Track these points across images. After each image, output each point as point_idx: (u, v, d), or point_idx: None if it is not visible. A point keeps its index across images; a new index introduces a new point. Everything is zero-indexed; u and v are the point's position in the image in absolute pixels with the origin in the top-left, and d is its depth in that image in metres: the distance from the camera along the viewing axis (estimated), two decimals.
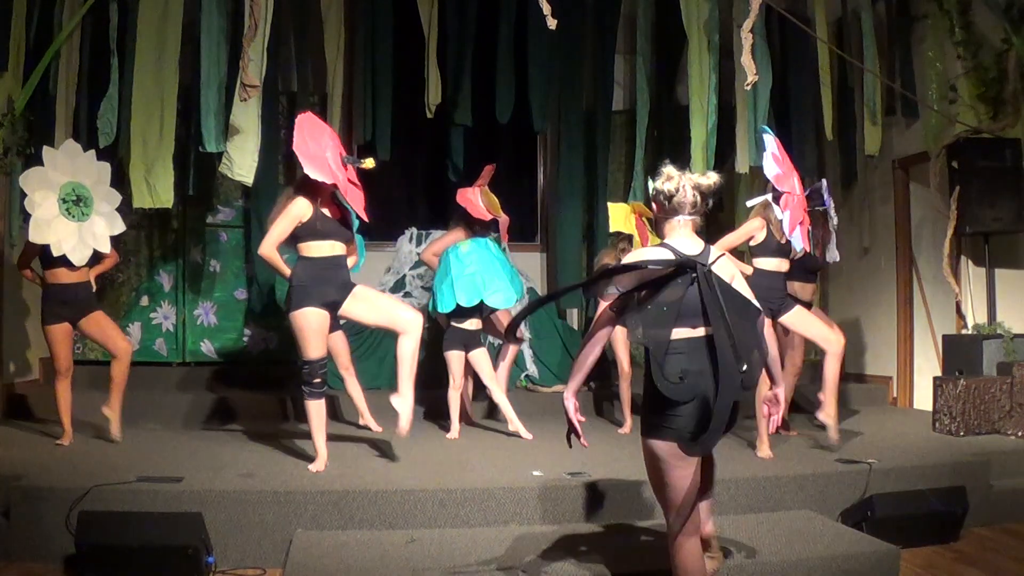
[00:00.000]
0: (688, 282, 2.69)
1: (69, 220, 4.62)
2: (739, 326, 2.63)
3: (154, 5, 5.45)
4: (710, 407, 2.59)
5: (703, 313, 2.66)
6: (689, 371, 2.64)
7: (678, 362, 2.65)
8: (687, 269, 2.69)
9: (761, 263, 4.73)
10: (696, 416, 2.62)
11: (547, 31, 5.20)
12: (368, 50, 6.83)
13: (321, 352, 4.21)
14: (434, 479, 4.06)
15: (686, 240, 2.86)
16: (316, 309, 4.15)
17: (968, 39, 6.08)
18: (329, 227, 4.21)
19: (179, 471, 4.02)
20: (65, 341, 4.75)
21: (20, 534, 3.62)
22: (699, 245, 2.86)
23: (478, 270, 5.26)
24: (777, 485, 4.20)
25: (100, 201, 4.76)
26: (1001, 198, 5.84)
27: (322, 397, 4.28)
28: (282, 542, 3.63)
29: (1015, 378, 5.43)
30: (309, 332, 4.15)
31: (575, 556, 3.45)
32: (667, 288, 2.69)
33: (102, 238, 4.76)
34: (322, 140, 4.15)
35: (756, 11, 5.38)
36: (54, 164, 4.64)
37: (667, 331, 2.67)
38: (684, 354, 2.66)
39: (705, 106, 6.13)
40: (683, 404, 2.62)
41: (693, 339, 2.69)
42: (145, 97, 5.46)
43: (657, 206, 2.94)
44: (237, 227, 7.02)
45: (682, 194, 2.89)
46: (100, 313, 4.87)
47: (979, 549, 4.04)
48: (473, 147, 7.11)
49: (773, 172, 4.63)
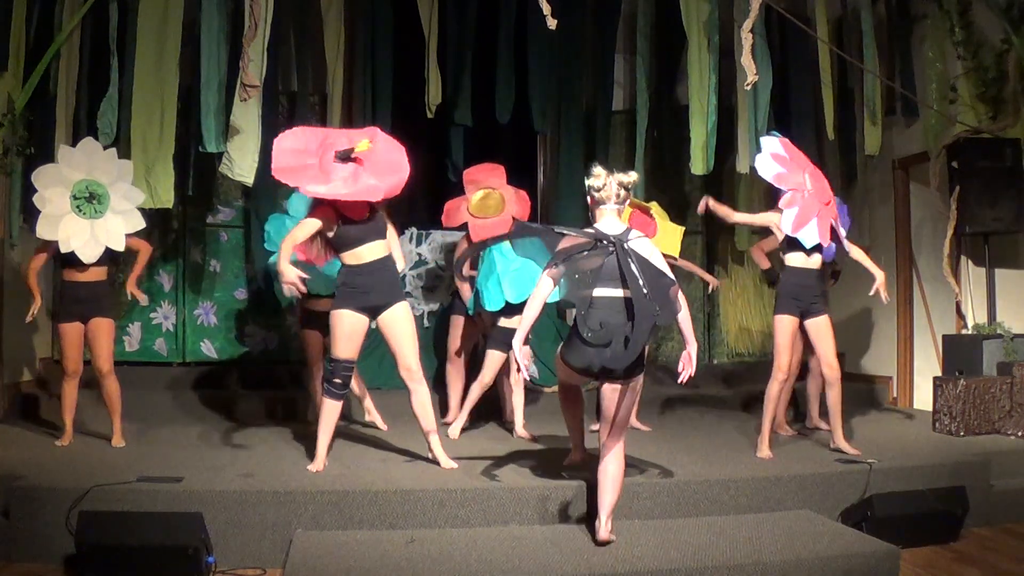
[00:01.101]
0: (605, 253, 3.45)
1: (80, 217, 4.60)
2: (652, 287, 3.38)
3: (154, 5, 5.45)
4: (621, 346, 3.38)
5: (621, 277, 3.42)
6: (607, 322, 3.41)
7: (598, 315, 3.43)
8: (603, 243, 3.46)
9: (788, 259, 4.71)
10: (602, 356, 3.41)
11: (547, 31, 5.20)
12: (368, 50, 6.82)
13: (348, 354, 4.21)
14: (434, 479, 4.06)
15: (611, 223, 3.58)
16: (351, 312, 4.16)
17: (968, 39, 6.08)
18: (355, 234, 4.14)
19: (179, 471, 4.02)
20: (76, 341, 4.73)
21: (20, 534, 3.62)
22: (622, 227, 3.58)
23: (524, 265, 5.07)
24: (777, 485, 4.20)
25: (119, 199, 4.72)
26: (1001, 198, 5.84)
27: (340, 399, 4.28)
28: (282, 542, 3.63)
29: (1015, 378, 5.43)
30: (339, 332, 4.18)
31: (575, 556, 3.45)
32: (588, 258, 3.45)
33: (116, 236, 4.70)
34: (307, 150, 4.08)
35: (756, 11, 5.38)
36: (69, 162, 4.64)
37: (589, 291, 3.44)
38: (603, 309, 3.44)
39: (705, 106, 6.12)
40: (595, 348, 3.40)
41: (613, 298, 3.46)
42: (145, 97, 5.46)
43: (590, 198, 3.64)
44: (237, 227, 7.01)
45: (607, 189, 3.58)
46: (108, 322, 4.78)
47: (979, 549, 4.04)
48: (473, 147, 7.10)
49: (772, 172, 4.62)
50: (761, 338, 7.68)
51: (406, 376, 4.29)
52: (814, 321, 4.69)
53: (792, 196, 4.59)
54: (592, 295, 3.44)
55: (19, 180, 5.60)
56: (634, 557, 3.44)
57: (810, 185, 4.61)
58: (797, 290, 4.67)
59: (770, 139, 4.77)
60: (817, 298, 4.70)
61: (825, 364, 4.74)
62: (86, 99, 5.91)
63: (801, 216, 4.55)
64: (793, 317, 4.69)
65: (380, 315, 4.21)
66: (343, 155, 4.06)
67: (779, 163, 4.64)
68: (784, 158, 4.67)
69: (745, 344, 7.77)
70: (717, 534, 3.73)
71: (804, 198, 4.57)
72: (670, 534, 3.73)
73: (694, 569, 3.35)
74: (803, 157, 4.79)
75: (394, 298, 4.22)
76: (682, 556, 3.44)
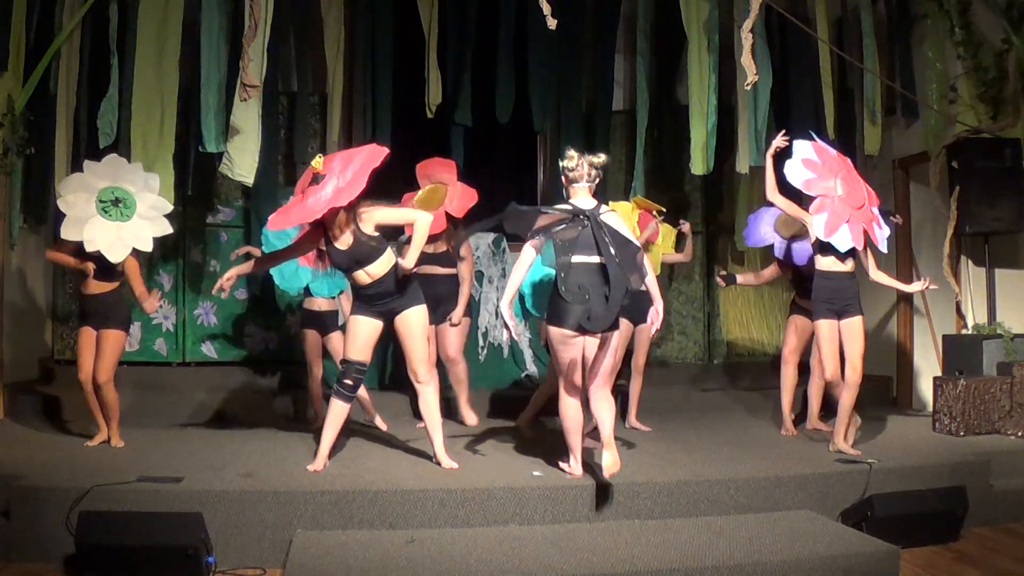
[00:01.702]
0: (580, 225, 3.98)
1: (107, 219, 4.61)
2: (620, 254, 3.92)
3: (154, 5, 5.45)
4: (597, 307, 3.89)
5: (596, 246, 3.93)
6: (583, 284, 3.91)
7: (576, 278, 3.92)
8: (578, 216, 3.98)
9: (820, 262, 4.72)
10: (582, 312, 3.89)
11: (547, 31, 5.19)
12: (368, 50, 6.82)
13: (359, 357, 4.26)
14: (434, 479, 4.06)
15: (584, 199, 4.07)
16: (365, 318, 4.24)
17: (968, 39, 6.07)
18: (339, 260, 4.19)
19: (179, 471, 4.02)
20: (88, 348, 4.72)
21: (20, 534, 3.61)
22: (593, 203, 4.07)
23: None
24: (777, 485, 4.20)
25: (145, 207, 4.70)
26: (1001, 198, 5.84)
27: (348, 401, 4.29)
28: (282, 542, 3.63)
29: (1015, 378, 5.43)
30: (352, 336, 4.29)
31: (575, 556, 3.45)
32: (565, 229, 3.97)
33: (144, 238, 4.67)
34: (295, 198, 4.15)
35: (756, 11, 5.38)
36: (95, 172, 4.67)
37: (568, 257, 3.94)
38: (581, 273, 3.93)
39: (705, 106, 6.13)
40: (576, 305, 3.89)
41: (589, 264, 3.95)
42: (145, 97, 5.46)
43: (564, 178, 4.11)
44: (237, 227, 7.01)
45: (579, 169, 4.05)
46: (115, 334, 4.74)
47: (979, 549, 4.04)
48: (473, 147, 7.10)
49: (801, 179, 4.63)
50: (761, 338, 7.68)
51: (413, 378, 4.33)
52: (847, 322, 4.70)
53: (821, 202, 4.61)
54: (571, 261, 3.95)
55: (19, 180, 5.61)
56: (634, 557, 3.44)
57: (840, 191, 4.61)
58: (830, 294, 4.68)
59: (803, 144, 4.75)
60: (851, 300, 4.70)
61: (850, 365, 4.71)
62: (86, 99, 5.92)
63: (832, 221, 4.56)
64: (832, 321, 4.70)
65: (396, 317, 4.27)
66: (315, 179, 4.05)
67: (809, 168, 4.66)
68: (816, 163, 4.68)
69: (745, 344, 7.77)
70: (717, 534, 3.73)
71: (833, 203, 4.59)
72: (670, 534, 3.73)
73: (694, 569, 3.35)
74: (837, 161, 4.76)
75: (411, 302, 4.27)
76: (682, 556, 3.44)
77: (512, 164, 7.88)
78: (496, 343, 7.08)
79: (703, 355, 7.75)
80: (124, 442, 4.80)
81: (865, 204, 4.71)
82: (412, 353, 4.30)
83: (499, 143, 7.64)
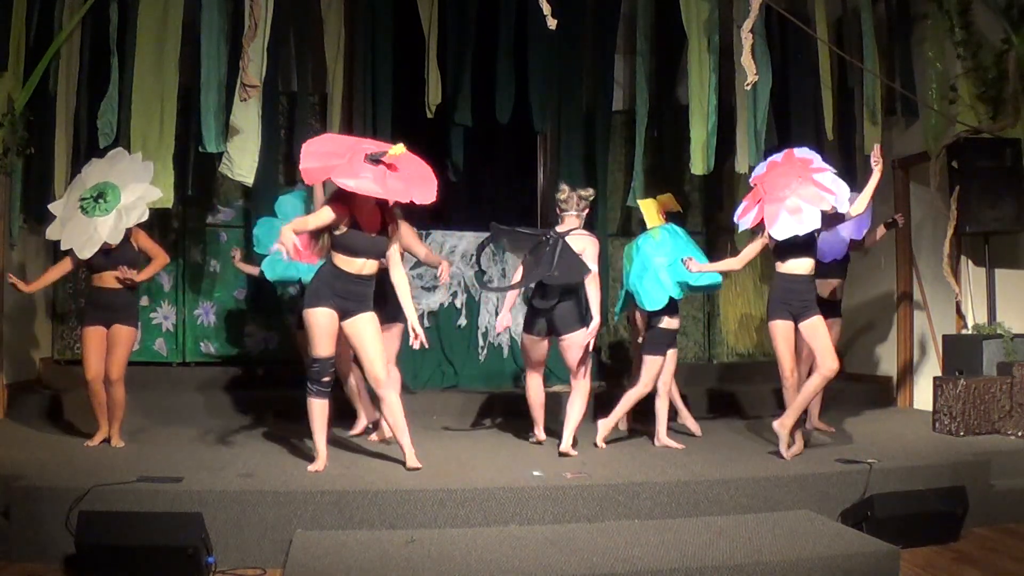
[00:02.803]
0: (547, 245, 4.77)
1: (84, 216, 4.60)
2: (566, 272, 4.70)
3: (154, 5, 5.44)
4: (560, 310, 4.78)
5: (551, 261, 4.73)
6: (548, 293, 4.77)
7: (544, 289, 4.78)
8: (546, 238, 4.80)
9: (777, 266, 4.74)
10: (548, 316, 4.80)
11: (547, 31, 5.20)
12: (368, 50, 6.81)
13: (328, 352, 4.22)
14: (434, 479, 4.06)
15: (566, 225, 4.86)
16: (325, 309, 4.17)
17: (968, 39, 6.07)
18: (359, 244, 4.16)
19: (179, 471, 4.02)
20: (96, 347, 4.71)
21: (20, 534, 3.62)
22: (571, 228, 4.84)
23: (675, 253, 4.93)
24: (777, 485, 4.20)
25: (129, 196, 4.67)
26: (1001, 198, 5.84)
27: (325, 397, 4.27)
28: (282, 542, 3.64)
29: (1015, 378, 5.42)
30: (316, 330, 4.19)
31: (575, 556, 3.45)
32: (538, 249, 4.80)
33: (116, 231, 4.62)
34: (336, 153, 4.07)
35: (756, 11, 5.38)
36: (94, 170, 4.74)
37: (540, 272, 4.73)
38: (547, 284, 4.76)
39: (705, 106, 6.12)
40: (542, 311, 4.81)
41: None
42: (145, 97, 5.45)
43: (557, 207, 4.91)
44: (237, 227, 7.01)
45: (570, 201, 4.87)
46: (128, 330, 4.76)
47: (979, 549, 4.04)
48: (473, 147, 7.10)
49: (748, 222, 4.78)
50: (761, 338, 7.68)
51: (374, 384, 4.28)
52: (807, 323, 4.67)
53: (742, 208, 4.80)
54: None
55: (19, 180, 5.60)
56: (634, 557, 3.44)
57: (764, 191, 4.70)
58: (786, 295, 4.68)
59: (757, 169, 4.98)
60: (807, 302, 4.68)
61: (821, 360, 4.60)
62: (86, 99, 5.91)
63: (764, 214, 4.63)
64: (786, 321, 4.68)
65: (346, 320, 4.22)
66: (374, 157, 4.05)
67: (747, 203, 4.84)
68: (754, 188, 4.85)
69: (745, 344, 7.77)
70: (717, 534, 3.73)
71: (749, 201, 4.76)
72: (670, 534, 3.73)
73: (694, 569, 3.35)
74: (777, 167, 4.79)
75: (363, 308, 4.23)
76: (682, 556, 3.44)
77: (512, 164, 7.88)
78: (496, 343, 7.08)
79: (703, 355, 7.75)
80: (124, 442, 4.80)
81: (793, 183, 4.61)
82: (367, 359, 4.23)
83: (499, 143, 7.63)
